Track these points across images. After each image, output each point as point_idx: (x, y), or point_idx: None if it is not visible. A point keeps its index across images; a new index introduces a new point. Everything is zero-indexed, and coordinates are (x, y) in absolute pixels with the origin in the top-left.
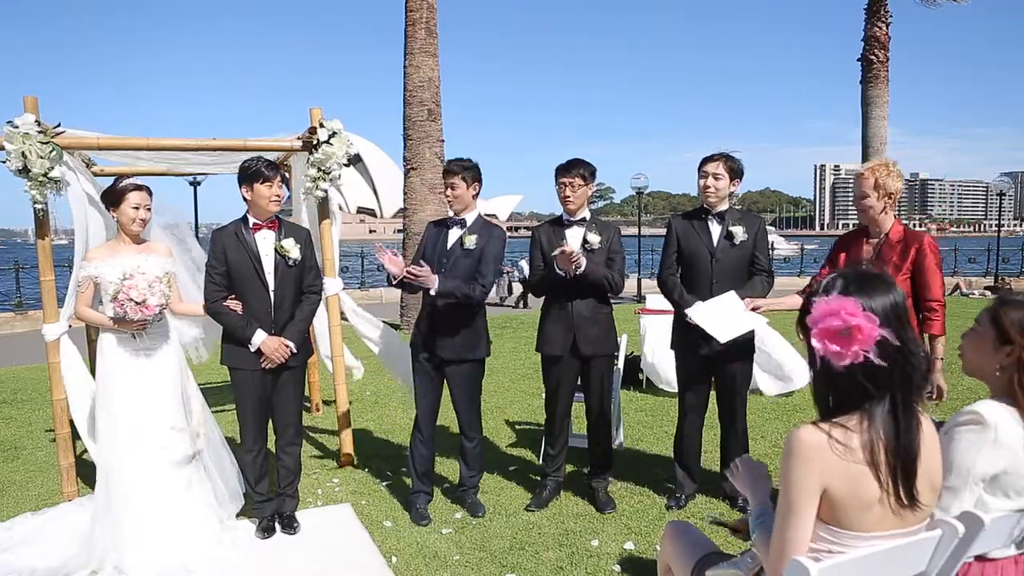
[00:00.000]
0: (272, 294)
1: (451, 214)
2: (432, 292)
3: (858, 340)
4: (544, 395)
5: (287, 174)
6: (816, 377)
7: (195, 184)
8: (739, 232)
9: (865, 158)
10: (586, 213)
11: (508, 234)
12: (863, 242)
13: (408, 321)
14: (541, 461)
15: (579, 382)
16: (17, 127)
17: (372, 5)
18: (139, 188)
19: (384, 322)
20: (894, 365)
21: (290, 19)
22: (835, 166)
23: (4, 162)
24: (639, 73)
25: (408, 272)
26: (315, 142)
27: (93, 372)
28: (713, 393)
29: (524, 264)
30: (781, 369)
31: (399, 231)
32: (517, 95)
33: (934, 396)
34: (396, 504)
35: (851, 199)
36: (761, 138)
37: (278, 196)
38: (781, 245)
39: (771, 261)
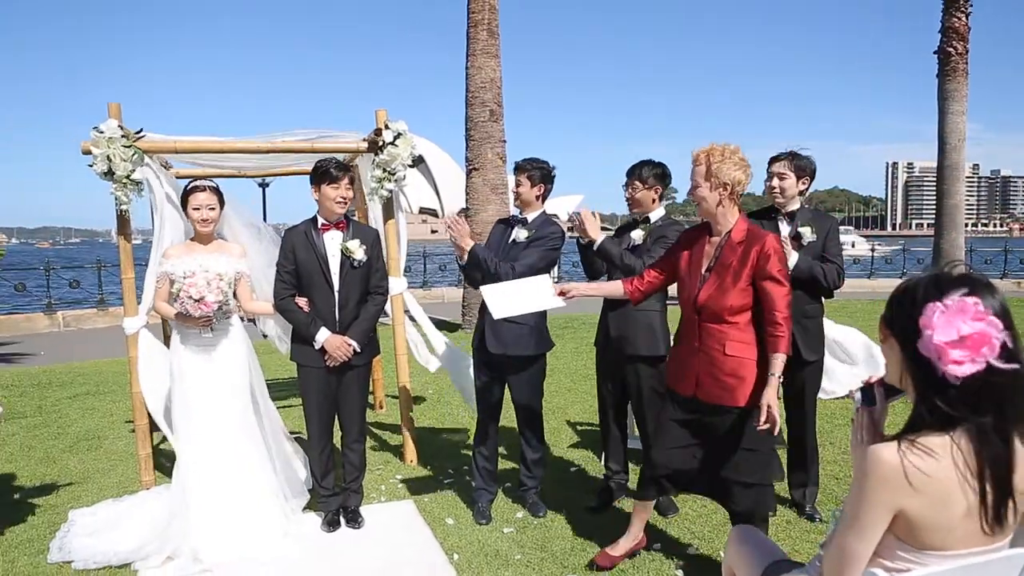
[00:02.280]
0: (337, 294)
1: (515, 212)
2: (465, 252)
3: (982, 347)
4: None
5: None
6: (921, 387)
7: (264, 186)
8: (807, 233)
9: (941, 154)
10: (655, 214)
11: (570, 235)
12: (705, 241)
13: (470, 320)
14: (603, 462)
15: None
16: (102, 132)
17: (435, 7)
18: (203, 189)
19: (445, 321)
20: (1011, 375)
21: (357, 22)
22: (908, 163)
23: (91, 166)
24: (703, 72)
25: (448, 219)
26: (381, 143)
27: None
28: (780, 396)
29: None
30: (833, 372)
31: (453, 237)
32: (579, 96)
33: (762, 421)
34: (458, 502)
35: (926, 198)
36: (829, 135)
37: (344, 198)
38: (862, 246)
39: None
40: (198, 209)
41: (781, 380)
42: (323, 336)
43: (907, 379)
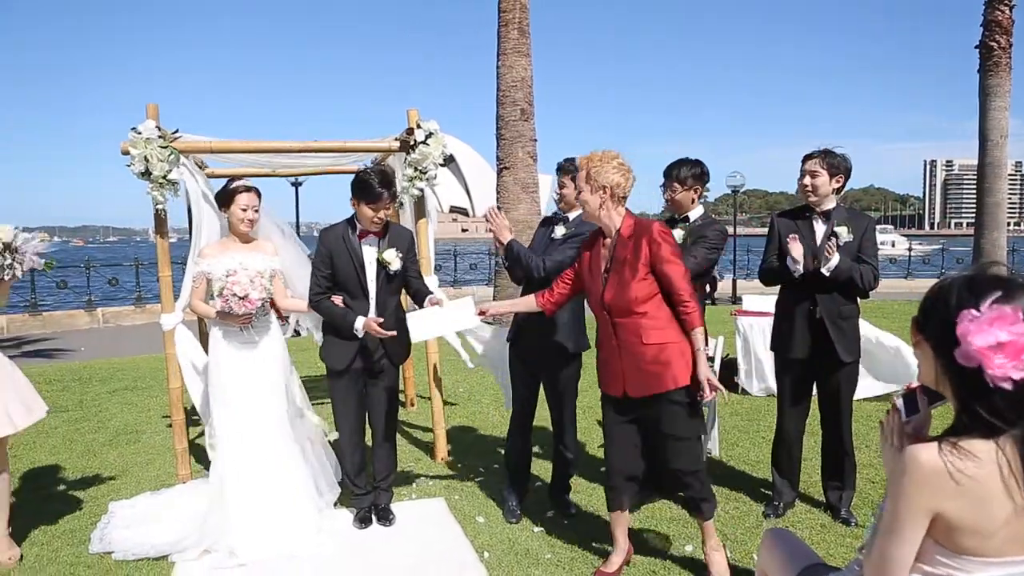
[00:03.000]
0: (373, 301)
1: (554, 211)
2: (502, 243)
3: (1022, 354)
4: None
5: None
6: (961, 394)
7: (296, 185)
8: (843, 233)
9: (982, 151)
10: (694, 213)
11: None
12: (600, 244)
13: (499, 317)
14: None
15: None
16: (140, 133)
17: (466, 7)
18: (248, 190)
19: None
20: None
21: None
22: (947, 161)
23: (129, 166)
24: (733, 71)
25: (488, 212)
26: (412, 143)
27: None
28: (815, 397)
29: None
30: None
31: (491, 230)
32: (611, 94)
33: (704, 394)
34: (489, 500)
35: (966, 196)
36: (863, 134)
37: (380, 220)
38: (904, 245)
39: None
40: (245, 209)
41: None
42: (361, 323)
43: (945, 385)
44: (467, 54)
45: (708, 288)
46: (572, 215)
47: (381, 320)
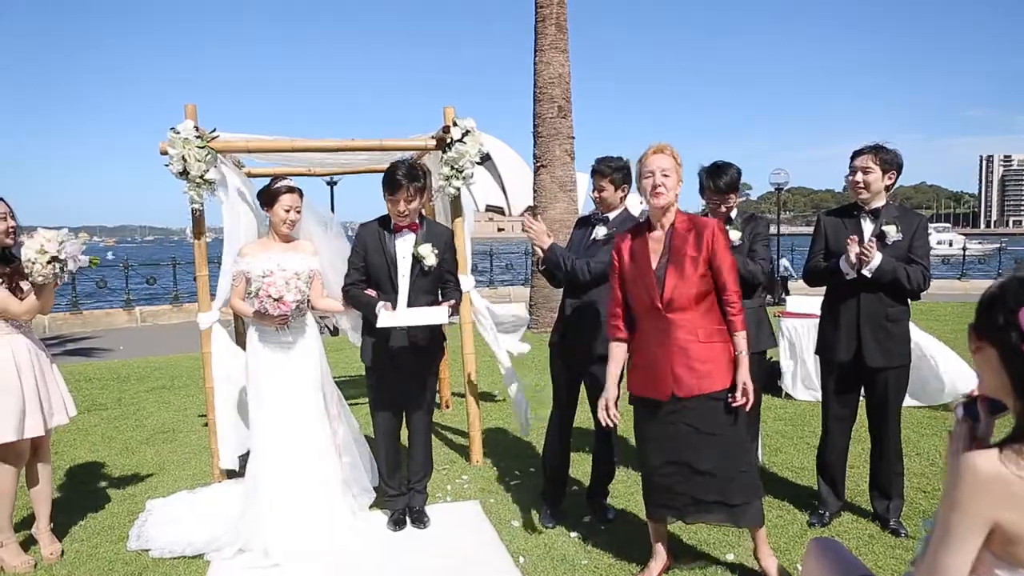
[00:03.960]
0: (404, 297)
1: (596, 211)
2: (543, 250)
3: None
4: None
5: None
6: None
7: (332, 184)
8: (892, 232)
9: None
10: (734, 212)
11: None
12: (645, 239)
13: (536, 320)
14: None
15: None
16: (178, 133)
17: (502, 2)
18: (292, 190)
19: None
20: None
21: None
22: (1004, 156)
23: (167, 165)
24: (777, 65)
25: (525, 221)
26: (448, 141)
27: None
28: (863, 403)
29: (785, 262)
30: (925, 385)
31: (529, 237)
32: (650, 91)
33: (739, 397)
34: (525, 504)
35: None
36: (914, 128)
37: (403, 212)
38: (961, 245)
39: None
40: (288, 211)
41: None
42: (380, 305)
43: (1007, 391)
44: (504, 51)
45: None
46: (612, 215)
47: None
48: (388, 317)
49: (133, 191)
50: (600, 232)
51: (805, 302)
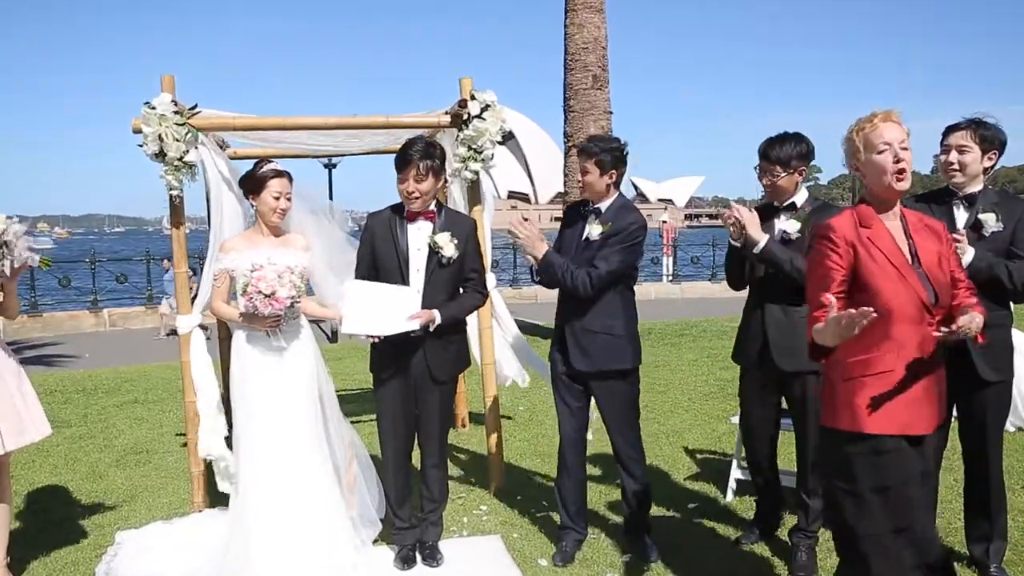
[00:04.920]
0: (420, 294)
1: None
2: (536, 258)
3: None
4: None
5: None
6: None
7: (330, 167)
8: (990, 221)
9: None
10: (799, 198)
11: (687, 224)
12: (882, 227)
13: None
14: (730, 499)
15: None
16: (154, 108)
17: None
18: (280, 174)
19: (538, 326)
20: None
21: None
22: None
23: (141, 146)
24: (847, 21)
25: (513, 224)
26: (465, 117)
27: (224, 371)
28: (955, 425)
29: None
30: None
31: (557, 219)
32: (696, 55)
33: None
34: (552, 539)
35: None
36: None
37: (411, 193)
38: None
39: None
40: (277, 198)
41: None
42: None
43: None
44: (530, 10)
45: None
46: (605, 204)
47: (433, 313)
48: (351, 318)
49: (101, 176)
50: (594, 231)
51: None
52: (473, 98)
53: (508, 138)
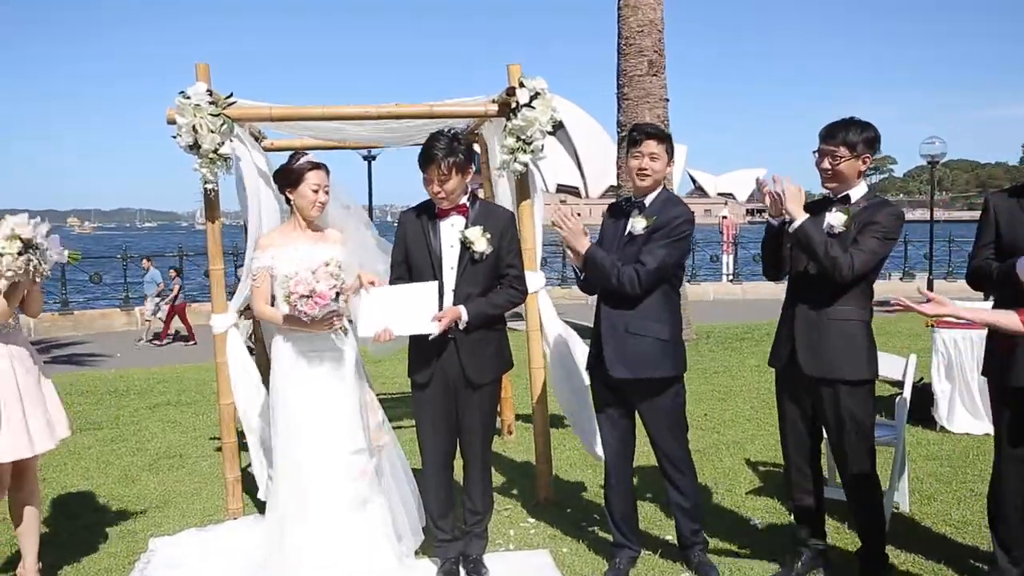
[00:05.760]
0: (452, 295)
1: (628, 195)
2: (579, 253)
3: None
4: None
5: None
6: None
7: (369, 159)
8: None
9: None
10: (856, 191)
11: (749, 219)
12: None
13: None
14: (793, 517)
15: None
16: (189, 98)
17: None
18: (317, 167)
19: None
20: None
21: None
22: None
23: (175, 137)
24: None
25: (557, 216)
26: (514, 105)
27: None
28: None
29: None
30: None
31: (564, 239)
32: (764, 37)
33: None
34: (605, 555)
35: None
36: None
37: (439, 192)
38: None
39: None
40: (316, 190)
41: None
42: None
43: None
44: None
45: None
46: (649, 198)
47: (460, 311)
48: (366, 321)
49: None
50: (638, 224)
51: (967, 308)
52: (522, 85)
53: (558, 128)
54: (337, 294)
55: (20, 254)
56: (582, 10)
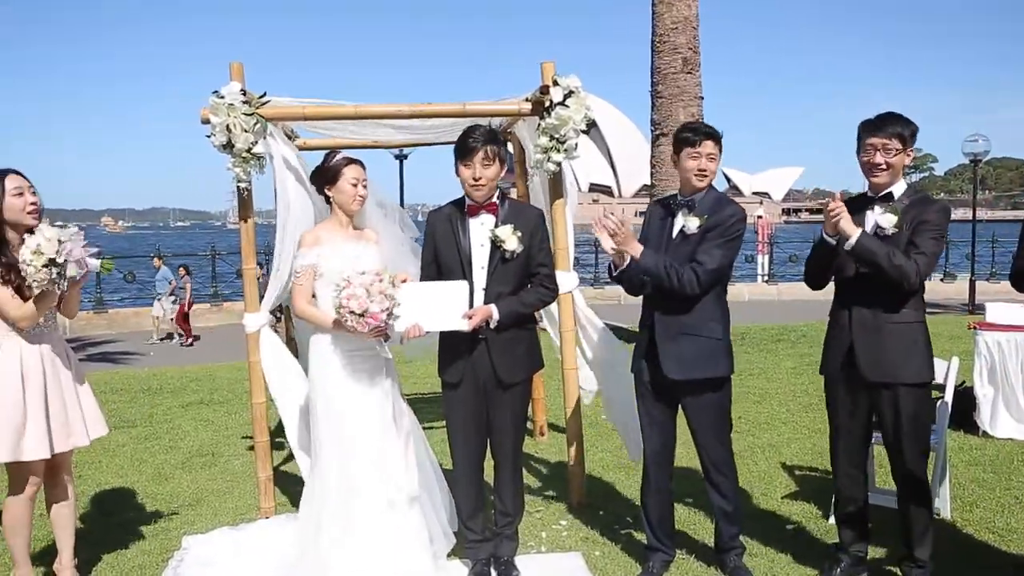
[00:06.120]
0: (483, 293)
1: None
2: (634, 258)
3: None
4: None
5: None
6: None
7: (401, 158)
8: None
9: None
10: (897, 188)
11: (785, 219)
12: None
13: None
14: (832, 521)
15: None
16: (223, 97)
17: None
18: (353, 162)
19: (622, 329)
20: None
21: None
22: None
23: (209, 136)
24: None
25: (602, 221)
26: (547, 104)
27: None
28: None
29: None
30: None
31: (642, 213)
32: (799, 34)
33: None
34: (638, 558)
35: None
36: None
37: (478, 179)
38: None
39: None
40: (355, 184)
41: None
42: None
43: None
44: None
45: None
46: (698, 196)
47: (491, 310)
48: (407, 303)
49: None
50: (691, 224)
51: (1010, 310)
52: (556, 84)
53: (590, 126)
54: (388, 315)
55: (44, 267)
56: (612, 9)
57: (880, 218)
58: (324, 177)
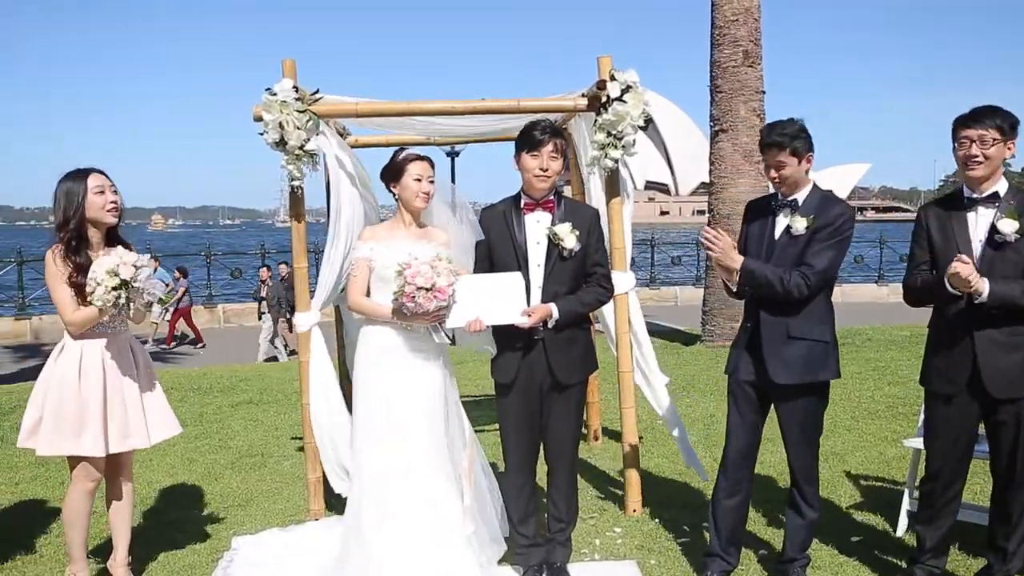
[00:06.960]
0: (540, 292)
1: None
2: (735, 269)
3: None
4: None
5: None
6: None
7: (453, 155)
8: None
9: None
10: (1000, 186)
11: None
12: None
13: (711, 331)
14: (902, 534)
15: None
16: (275, 95)
17: None
18: (420, 158)
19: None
20: None
21: None
22: None
23: (262, 134)
24: None
25: (705, 235)
26: (604, 99)
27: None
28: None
29: None
30: None
31: (700, 212)
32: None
33: None
34: (695, 567)
35: None
36: None
37: (546, 170)
38: None
39: None
40: (419, 180)
41: None
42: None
43: None
44: None
45: None
46: (801, 196)
47: (551, 308)
48: (456, 308)
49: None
50: (798, 225)
51: None
52: (613, 78)
53: (648, 123)
54: (453, 292)
55: (115, 289)
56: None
57: (1000, 223)
58: (389, 173)
